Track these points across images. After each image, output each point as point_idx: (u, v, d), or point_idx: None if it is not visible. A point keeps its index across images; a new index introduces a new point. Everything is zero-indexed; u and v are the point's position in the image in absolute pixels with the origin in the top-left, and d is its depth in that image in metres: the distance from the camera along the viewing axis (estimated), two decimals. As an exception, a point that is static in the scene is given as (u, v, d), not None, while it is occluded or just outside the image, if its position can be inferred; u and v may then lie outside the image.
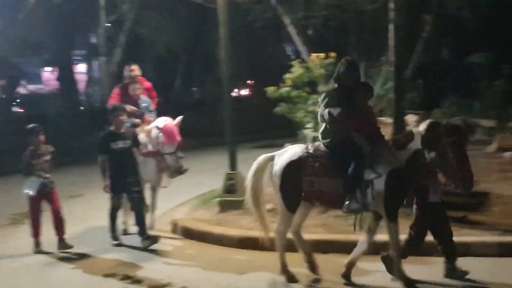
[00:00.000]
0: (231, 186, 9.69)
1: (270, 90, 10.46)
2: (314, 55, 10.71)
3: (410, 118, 9.13)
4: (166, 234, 9.01)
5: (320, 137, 6.60)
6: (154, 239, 8.30)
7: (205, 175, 12.84)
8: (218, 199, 9.76)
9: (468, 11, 19.18)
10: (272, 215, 8.81)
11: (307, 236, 7.12)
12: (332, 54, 10.37)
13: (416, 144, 6.05)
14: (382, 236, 6.55)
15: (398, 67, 8.66)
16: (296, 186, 6.47)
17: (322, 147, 6.53)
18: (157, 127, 8.62)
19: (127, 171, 8.36)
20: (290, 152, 6.61)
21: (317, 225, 8.24)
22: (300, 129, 10.33)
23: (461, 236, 7.28)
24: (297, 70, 10.33)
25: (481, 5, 18.91)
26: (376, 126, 6.64)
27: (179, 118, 8.82)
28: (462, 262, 6.48)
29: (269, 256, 7.17)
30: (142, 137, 8.81)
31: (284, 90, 10.29)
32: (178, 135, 8.65)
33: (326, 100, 6.42)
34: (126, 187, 8.35)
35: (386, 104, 11.01)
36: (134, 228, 8.67)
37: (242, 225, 8.67)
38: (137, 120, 9.22)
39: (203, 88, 32.81)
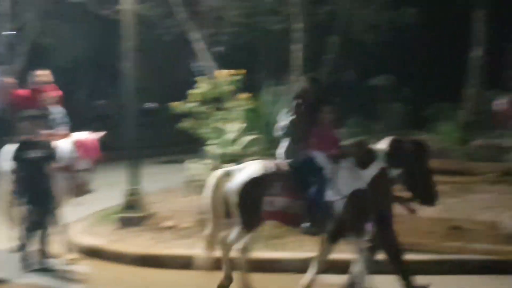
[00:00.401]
0: (132, 202, 9.48)
1: (176, 105, 10.35)
2: (222, 71, 10.70)
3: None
4: (62, 251, 8.66)
5: (283, 156, 6.47)
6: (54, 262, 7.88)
7: (107, 190, 12.49)
8: (118, 215, 9.52)
9: (372, 35, 19.80)
10: (172, 232, 8.76)
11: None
12: (241, 71, 10.41)
13: (379, 162, 6.08)
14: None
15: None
16: (256, 204, 6.27)
17: (284, 165, 6.40)
18: (75, 141, 8.14)
19: (39, 184, 7.76)
20: (251, 168, 6.42)
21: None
22: (204, 145, 10.27)
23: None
24: (204, 85, 10.29)
25: (384, 31, 19.56)
26: (338, 145, 6.61)
27: (100, 133, 8.43)
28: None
29: (169, 275, 7.05)
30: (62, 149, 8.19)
31: (190, 105, 10.21)
32: (98, 150, 8.25)
33: (291, 117, 6.35)
34: (36, 201, 7.74)
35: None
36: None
37: (141, 242, 8.48)
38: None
39: (109, 101, 32.15)
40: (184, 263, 7.54)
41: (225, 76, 10.38)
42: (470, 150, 13.86)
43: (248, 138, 9.72)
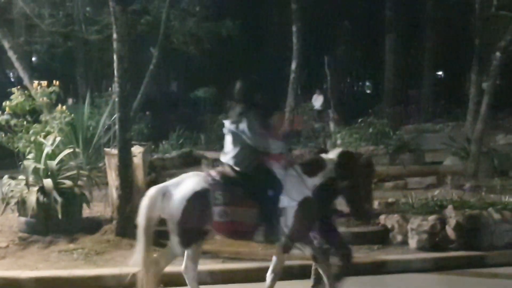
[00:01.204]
0: None
1: (-14, 118, 9.63)
2: (36, 82, 10.12)
3: (136, 149, 9.04)
4: None
5: (231, 162, 6.04)
6: None
7: None
8: None
9: (193, 46, 19.98)
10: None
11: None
12: (56, 83, 9.94)
13: (328, 172, 5.95)
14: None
15: (123, 98, 8.54)
16: (200, 219, 5.84)
17: (229, 173, 6.00)
18: None
19: None
20: (190, 181, 5.94)
21: (38, 261, 7.74)
22: (22, 160, 9.64)
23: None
24: (17, 97, 9.66)
25: (204, 42, 19.83)
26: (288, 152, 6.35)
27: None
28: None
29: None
30: None
31: (3, 118, 9.55)
32: None
33: (247, 122, 5.96)
34: None
35: (113, 135, 10.83)
36: None
37: None
38: None
39: None
40: (1, 285, 7.06)
41: (40, 87, 9.82)
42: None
43: (65, 151, 9.26)
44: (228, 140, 6.18)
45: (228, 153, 6.18)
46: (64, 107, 9.93)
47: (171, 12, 16.08)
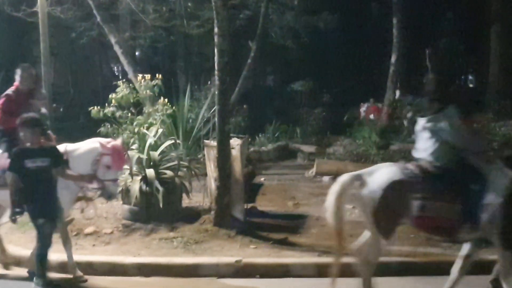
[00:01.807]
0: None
1: (94, 110, 10.08)
2: (140, 76, 10.51)
3: (234, 142, 9.19)
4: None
5: (430, 158, 5.98)
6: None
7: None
8: (35, 222, 9.14)
9: (290, 40, 20.03)
10: (94, 239, 8.50)
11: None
12: (158, 76, 10.27)
13: None
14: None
15: (223, 92, 8.71)
16: (396, 209, 5.81)
17: (429, 168, 5.91)
18: (102, 148, 7.15)
19: (43, 195, 6.76)
20: (387, 171, 5.92)
21: (140, 248, 8.04)
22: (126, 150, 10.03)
23: (281, 257, 7.46)
24: (122, 90, 10.06)
25: (302, 36, 19.82)
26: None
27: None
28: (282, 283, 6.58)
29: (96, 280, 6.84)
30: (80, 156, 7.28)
31: (109, 110, 9.97)
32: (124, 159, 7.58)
33: (448, 120, 5.89)
34: (42, 214, 6.73)
35: (212, 127, 11.07)
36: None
37: (61, 249, 8.15)
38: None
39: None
40: (105, 270, 7.36)
41: (145, 80, 10.19)
42: (389, 154, 14.18)
43: (167, 143, 9.55)
44: (424, 136, 6.09)
45: (425, 149, 6.08)
46: (165, 100, 10.23)
47: (269, 6, 16.19)
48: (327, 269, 7.25)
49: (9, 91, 7.82)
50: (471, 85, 32.66)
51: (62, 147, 7.28)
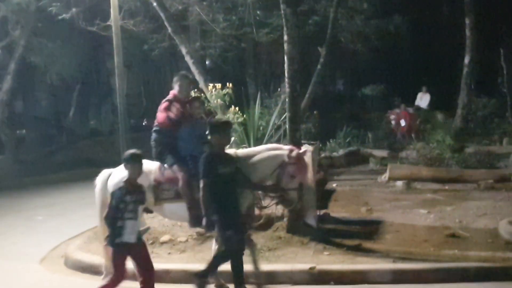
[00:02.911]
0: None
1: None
2: (211, 85, 10.66)
3: (306, 148, 9.17)
4: (58, 267, 8.56)
5: None
6: None
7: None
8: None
9: (360, 44, 19.87)
10: (168, 247, 8.67)
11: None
12: (229, 85, 10.38)
13: None
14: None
15: (293, 98, 8.74)
16: None
17: None
18: (288, 157, 6.93)
19: (233, 204, 6.56)
20: None
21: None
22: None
23: (355, 264, 7.40)
24: (195, 100, 10.20)
25: (372, 39, 19.64)
26: None
27: (311, 147, 7.62)
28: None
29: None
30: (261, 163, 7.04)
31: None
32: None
33: None
34: (233, 224, 6.43)
35: (283, 134, 11.10)
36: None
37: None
38: None
39: (99, 118, 32.10)
40: (180, 277, 7.50)
41: (216, 89, 10.32)
42: (464, 157, 13.84)
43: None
44: None
45: None
46: (236, 108, 10.32)
47: (338, 11, 16.14)
48: (403, 275, 7.20)
49: (167, 99, 7.73)
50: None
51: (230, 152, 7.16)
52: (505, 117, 19.36)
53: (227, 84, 10.42)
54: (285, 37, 8.64)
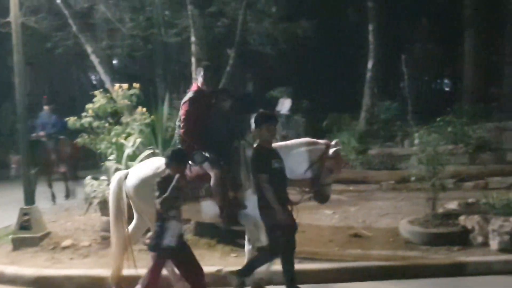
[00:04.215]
0: (26, 222, 9.04)
1: (71, 120, 9.99)
2: (117, 85, 10.44)
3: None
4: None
5: None
6: None
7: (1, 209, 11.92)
8: (11, 236, 9.06)
9: (269, 47, 20.07)
10: (70, 252, 8.43)
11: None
12: (137, 85, 10.20)
13: None
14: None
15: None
16: None
17: None
18: (326, 151, 6.91)
19: (285, 201, 6.44)
20: None
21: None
22: (104, 161, 9.96)
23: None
24: (99, 100, 9.98)
25: (280, 42, 19.89)
26: None
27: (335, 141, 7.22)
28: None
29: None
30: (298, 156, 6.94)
31: (86, 120, 9.87)
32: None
33: None
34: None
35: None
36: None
37: (38, 263, 8.10)
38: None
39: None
40: (83, 283, 7.30)
41: (121, 89, 10.11)
42: (367, 159, 14.27)
43: (145, 153, 9.48)
44: None
45: None
46: (143, 109, 10.16)
47: (247, 14, 16.22)
48: (308, 275, 7.31)
49: (191, 93, 7.21)
50: (447, 89, 33.03)
51: None
52: (406, 120, 20.09)
53: (134, 84, 10.24)
54: (193, 38, 8.62)
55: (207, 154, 6.90)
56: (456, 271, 7.58)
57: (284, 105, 21.46)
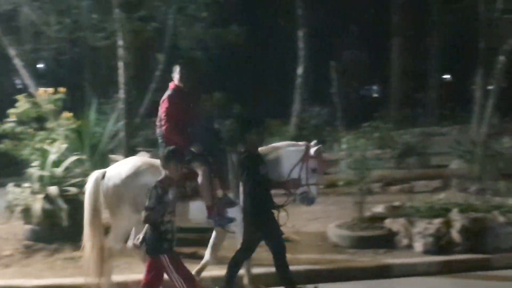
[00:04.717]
0: None
1: (-7, 125, 9.64)
2: (42, 89, 10.15)
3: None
4: None
5: None
6: None
7: None
8: None
9: (200, 52, 19.98)
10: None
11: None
12: (62, 90, 9.94)
13: None
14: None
15: (128, 105, 8.59)
16: None
17: None
18: (308, 151, 6.97)
19: (271, 205, 6.68)
20: None
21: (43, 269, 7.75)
22: (27, 167, 9.65)
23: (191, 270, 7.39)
24: (23, 104, 9.67)
25: (211, 48, 19.85)
26: None
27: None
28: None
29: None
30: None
31: (8, 126, 9.54)
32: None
33: None
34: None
35: (117, 142, 10.83)
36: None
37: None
38: None
39: None
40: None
41: (46, 94, 9.83)
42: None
43: (71, 159, 9.26)
44: None
45: None
46: (69, 114, 9.91)
47: (177, 18, 16.10)
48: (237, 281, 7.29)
49: (169, 91, 7.12)
50: (375, 95, 33.80)
51: None
52: (336, 126, 20.41)
53: (60, 88, 9.97)
54: (120, 42, 8.49)
55: (194, 151, 6.85)
56: (382, 273, 7.73)
57: None
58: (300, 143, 7.27)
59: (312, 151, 7.00)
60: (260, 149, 7.00)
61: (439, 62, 26.08)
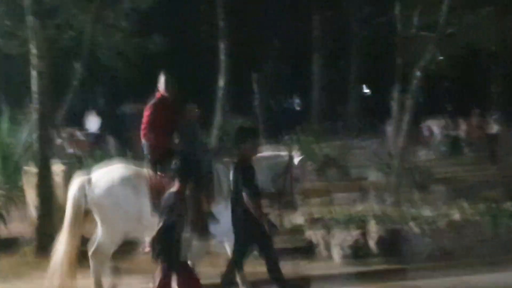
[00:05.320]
0: None
1: None
2: None
3: (59, 168, 8.81)
4: None
5: None
6: None
7: None
8: None
9: (120, 62, 19.68)
10: None
11: None
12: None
13: None
14: None
15: (43, 115, 8.31)
16: None
17: None
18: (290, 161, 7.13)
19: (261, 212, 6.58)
20: None
21: None
22: None
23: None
24: None
25: (131, 57, 19.62)
26: None
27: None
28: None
29: None
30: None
31: None
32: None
33: None
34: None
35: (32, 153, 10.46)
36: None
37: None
38: None
39: None
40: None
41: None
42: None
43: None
44: None
45: None
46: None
47: (96, 27, 15.79)
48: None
49: (153, 100, 7.14)
50: (297, 108, 34.30)
51: None
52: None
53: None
54: (34, 51, 8.21)
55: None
56: (302, 285, 7.76)
57: (92, 123, 20.71)
58: (282, 153, 7.47)
59: (296, 161, 7.20)
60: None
61: (359, 76, 26.74)
